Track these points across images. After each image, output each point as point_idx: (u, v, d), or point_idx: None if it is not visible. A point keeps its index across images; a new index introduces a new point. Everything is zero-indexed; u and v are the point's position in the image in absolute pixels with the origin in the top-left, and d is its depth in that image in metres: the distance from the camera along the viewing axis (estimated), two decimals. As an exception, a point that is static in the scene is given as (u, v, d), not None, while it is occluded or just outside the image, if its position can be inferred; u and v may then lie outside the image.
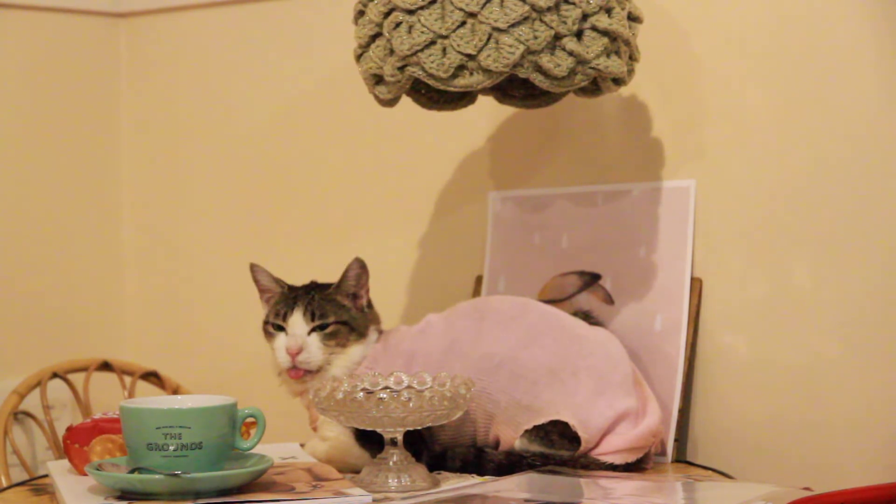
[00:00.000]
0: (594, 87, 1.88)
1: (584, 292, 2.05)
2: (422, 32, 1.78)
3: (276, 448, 1.85)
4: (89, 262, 2.59)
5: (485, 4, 1.75)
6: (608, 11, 1.80)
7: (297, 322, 1.88)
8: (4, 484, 2.08)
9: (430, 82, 1.79)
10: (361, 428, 1.74)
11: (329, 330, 1.88)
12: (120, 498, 1.61)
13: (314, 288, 1.92)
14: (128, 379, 2.31)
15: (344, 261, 1.91)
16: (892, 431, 1.87)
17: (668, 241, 2.01)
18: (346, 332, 1.89)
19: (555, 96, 2.00)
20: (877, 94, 1.90)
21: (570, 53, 1.78)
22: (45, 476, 1.86)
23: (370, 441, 1.80)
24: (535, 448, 1.79)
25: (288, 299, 1.91)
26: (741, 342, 1.98)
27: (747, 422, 1.97)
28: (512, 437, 1.80)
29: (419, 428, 1.73)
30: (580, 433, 1.77)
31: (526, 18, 1.75)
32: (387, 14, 1.81)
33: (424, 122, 2.19)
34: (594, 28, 1.79)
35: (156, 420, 1.61)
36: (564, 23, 1.77)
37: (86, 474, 1.70)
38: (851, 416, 1.90)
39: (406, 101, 1.94)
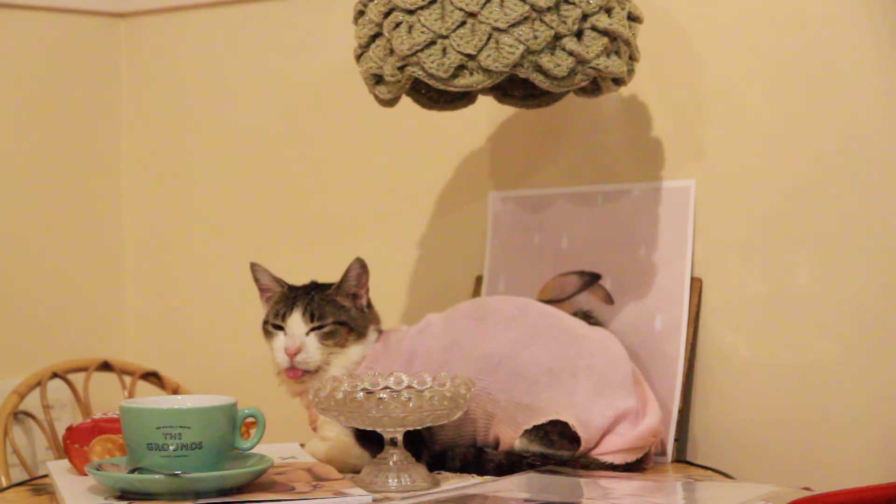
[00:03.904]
0: (594, 87, 1.88)
1: (584, 292, 2.05)
2: (422, 32, 1.78)
3: (276, 448, 1.85)
4: (89, 262, 2.59)
5: (485, 4, 1.75)
6: (608, 11, 1.80)
7: (296, 322, 1.88)
8: (4, 484, 2.08)
9: (430, 82, 1.79)
10: (361, 428, 1.74)
11: (327, 330, 1.88)
12: (120, 498, 1.61)
13: (314, 288, 1.92)
14: (128, 379, 2.31)
15: (344, 261, 1.91)
16: (892, 431, 1.87)
17: (668, 241, 2.01)
18: (345, 333, 1.89)
19: (555, 96, 2.00)
20: (877, 93, 1.90)
21: (570, 53, 1.78)
22: (45, 476, 1.86)
23: (370, 441, 1.80)
24: (535, 448, 1.79)
25: (287, 299, 1.91)
26: (741, 342, 1.98)
27: (747, 422, 1.97)
28: (512, 436, 1.80)
29: (419, 428, 1.73)
30: (580, 433, 1.77)
31: (526, 18, 1.75)
32: (387, 14, 1.81)
33: (424, 122, 2.19)
34: (594, 28, 1.79)
35: (156, 420, 1.61)
36: (564, 23, 1.77)
37: (86, 474, 1.70)
38: (851, 416, 1.90)
39: (406, 101, 1.94)
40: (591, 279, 2.06)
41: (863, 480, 1.78)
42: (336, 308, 1.89)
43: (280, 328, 1.90)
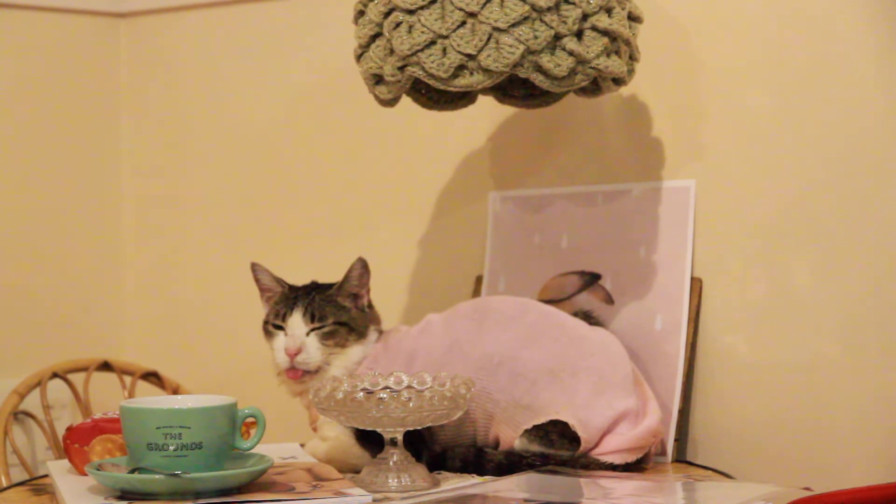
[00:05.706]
0: (594, 87, 1.88)
1: (584, 292, 2.05)
2: (422, 32, 1.78)
3: (276, 448, 1.85)
4: (89, 262, 2.59)
5: (485, 4, 1.75)
6: (608, 11, 1.80)
7: (297, 322, 1.88)
8: (4, 484, 2.08)
9: (431, 82, 1.79)
10: (361, 428, 1.74)
11: (327, 330, 1.88)
12: (120, 498, 1.61)
13: (314, 288, 1.92)
14: (128, 379, 2.31)
15: (344, 260, 1.91)
16: (892, 431, 1.87)
17: (668, 241, 2.01)
18: (346, 333, 1.89)
19: (555, 96, 2.00)
20: (877, 93, 1.90)
21: (571, 53, 1.78)
22: (45, 476, 1.86)
23: (370, 441, 1.80)
24: (535, 448, 1.79)
25: (288, 299, 1.91)
26: (741, 342, 1.98)
27: (747, 422, 1.97)
28: (512, 436, 1.80)
29: (419, 428, 1.73)
30: (580, 433, 1.77)
31: (526, 18, 1.75)
32: (387, 14, 1.81)
33: (424, 122, 2.19)
34: (594, 28, 1.79)
35: (156, 420, 1.61)
36: (564, 23, 1.77)
37: (86, 474, 1.70)
38: (851, 416, 1.90)
39: (406, 101, 1.94)
40: (591, 279, 2.06)
41: (863, 480, 1.78)
42: (336, 308, 1.89)
43: (280, 328, 1.90)
